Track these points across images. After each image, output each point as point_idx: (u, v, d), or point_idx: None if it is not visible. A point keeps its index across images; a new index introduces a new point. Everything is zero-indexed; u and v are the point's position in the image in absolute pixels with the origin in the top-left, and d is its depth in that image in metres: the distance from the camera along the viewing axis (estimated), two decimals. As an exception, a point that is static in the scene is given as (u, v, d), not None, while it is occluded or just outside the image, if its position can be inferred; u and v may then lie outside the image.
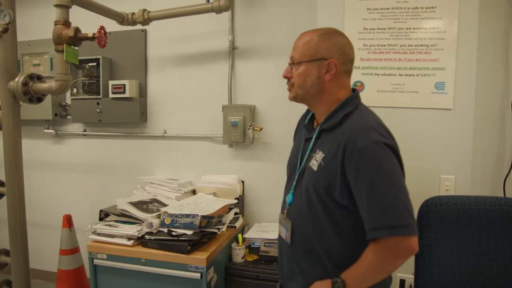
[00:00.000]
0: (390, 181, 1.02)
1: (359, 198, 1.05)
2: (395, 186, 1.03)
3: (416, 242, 1.02)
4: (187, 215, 1.90)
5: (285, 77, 1.23)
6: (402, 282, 1.85)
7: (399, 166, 1.07)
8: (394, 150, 1.07)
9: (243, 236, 2.17)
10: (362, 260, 1.07)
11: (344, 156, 1.06)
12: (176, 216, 1.91)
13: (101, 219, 2.12)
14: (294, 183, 1.23)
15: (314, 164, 1.14)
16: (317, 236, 1.15)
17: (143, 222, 1.97)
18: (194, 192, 2.45)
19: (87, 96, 2.66)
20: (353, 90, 1.22)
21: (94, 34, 1.71)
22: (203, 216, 1.89)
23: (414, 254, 1.04)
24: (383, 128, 1.11)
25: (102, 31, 1.74)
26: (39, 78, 1.78)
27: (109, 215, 2.10)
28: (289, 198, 1.23)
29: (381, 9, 1.81)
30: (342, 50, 1.16)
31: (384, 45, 1.82)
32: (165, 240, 1.87)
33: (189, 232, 1.86)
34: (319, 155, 1.14)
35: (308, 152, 1.20)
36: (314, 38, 1.16)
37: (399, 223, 0.99)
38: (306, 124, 1.30)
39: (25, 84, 1.70)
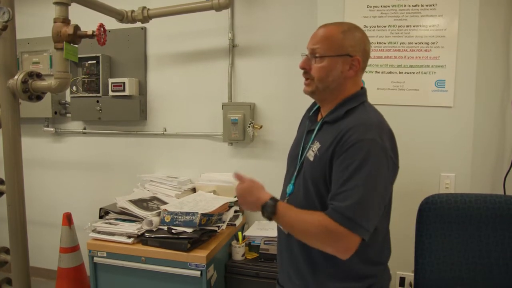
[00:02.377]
0: (369, 181, 1.03)
1: (336, 179, 1.05)
2: (371, 187, 1.03)
3: (355, 245, 1.02)
4: (187, 213, 1.90)
5: (303, 68, 1.20)
6: (402, 279, 1.86)
7: (385, 171, 1.07)
8: (386, 153, 1.06)
9: (243, 234, 2.17)
10: (310, 213, 1.07)
11: (337, 145, 1.07)
12: (176, 214, 1.91)
13: (101, 217, 2.12)
14: (295, 173, 1.24)
15: (311, 154, 1.16)
16: None
17: (143, 220, 1.97)
18: (194, 190, 2.45)
19: (86, 94, 2.65)
20: (361, 88, 1.23)
21: (93, 31, 1.70)
22: (203, 214, 1.89)
23: (345, 255, 1.04)
24: (384, 128, 1.11)
25: (102, 29, 1.74)
26: (39, 76, 1.77)
27: (109, 213, 2.10)
28: (290, 188, 1.25)
29: (381, 6, 1.80)
30: (364, 48, 1.18)
31: (384, 43, 1.81)
32: (165, 238, 1.87)
33: (189, 230, 1.86)
34: (316, 146, 1.15)
35: (309, 144, 1.21)
36: (339, 34, 1.15)
37: (359, 220, 1.00)
38: (310, 116, 1.31)
39: (24, 82, 1.70)
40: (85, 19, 1.95)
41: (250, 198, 1.17)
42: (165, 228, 1.91)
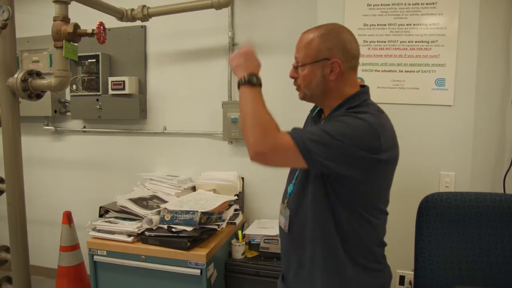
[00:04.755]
0: (332, 129, 1.02)
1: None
2: (328, 132, 1.01)
3: (283, 140, 1.04)
4: (187, 212, 1.90)
5: (292, 77, 1.23)
6: (402, 278, 1.86)
7: (359, 143, 1.02)
8: (373, 137, 1.03)
9: (243, 233, 2.17)
10: (267, 113, 1.11)
11: None
12: (176, 212, 1.91)
13: (101, 215, 2.12)
14: (297, 173, 1.24)
15: None
16: (315, 222, 1.15)
17: (143, 218, 1.97)
18: (194, 188, 2.44)
19: (86, 93, 2.65)
20: (363, 86, 1.21)
21: (93, 30, 1.70)
22: (203, 213, 1.89)
23: (268, 149, 1.10)
24: (384, 125, 1.09)
25: (102, 27, 1.74)
26: (38, 75, 1.77)
27: (109, 211, 2.10)
28: (291, 188, 1.25)
29: (381, 5, 1.80)
30: (344, 48, 1.13)
31: (385, 41, 1.81)
32: (165, 236, 1.87)
33: (189, 229, 1.86)
34: None
35: None
36: (315, 39, 1.14)
37: (300, 135, 1.03)
38: (313, 117, 1.31)
39: (24, 80, 1.70)
40: (85, 18, 1.94)
41: (245, 62, 1.23)
42: (165, 226, 1.91)
